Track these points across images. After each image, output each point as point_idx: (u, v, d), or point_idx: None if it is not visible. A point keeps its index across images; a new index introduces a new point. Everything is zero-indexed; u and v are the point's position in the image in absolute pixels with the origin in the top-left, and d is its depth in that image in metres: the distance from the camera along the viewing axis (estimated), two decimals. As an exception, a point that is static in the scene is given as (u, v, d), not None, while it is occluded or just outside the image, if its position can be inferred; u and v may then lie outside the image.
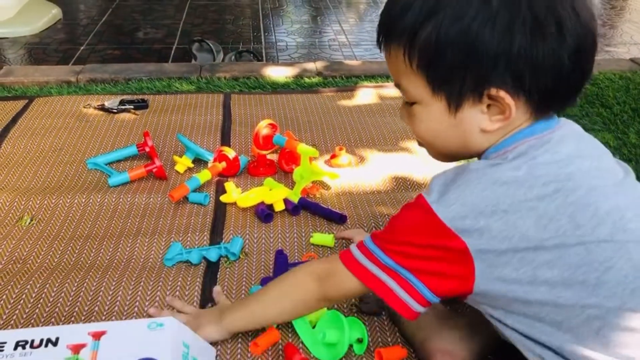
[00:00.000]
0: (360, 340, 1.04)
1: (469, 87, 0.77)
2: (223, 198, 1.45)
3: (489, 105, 0.79)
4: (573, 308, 0.75)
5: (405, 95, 0.86)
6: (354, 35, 3.23)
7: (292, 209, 1.42)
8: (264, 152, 1.61)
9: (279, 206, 1.41)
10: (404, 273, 0.81)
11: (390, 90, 2.13)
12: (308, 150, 1.49)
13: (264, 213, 1.39)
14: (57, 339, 0.87)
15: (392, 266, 0.82)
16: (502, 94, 0.77)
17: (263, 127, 1.58)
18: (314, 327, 1.07)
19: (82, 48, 2.90)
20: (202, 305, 1.12)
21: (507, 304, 0.79)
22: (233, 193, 1.45)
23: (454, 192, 0.77)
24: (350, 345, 1.05)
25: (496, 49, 0.74)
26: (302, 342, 1.05)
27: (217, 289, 1.15)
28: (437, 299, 0.81)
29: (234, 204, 1.44)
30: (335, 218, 1.40)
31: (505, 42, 0.74)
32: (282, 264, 1.13)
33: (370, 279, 0.84)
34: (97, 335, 0.88)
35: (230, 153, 1.54)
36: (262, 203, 1.42)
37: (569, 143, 0.81)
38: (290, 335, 1.06)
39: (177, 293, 1.15)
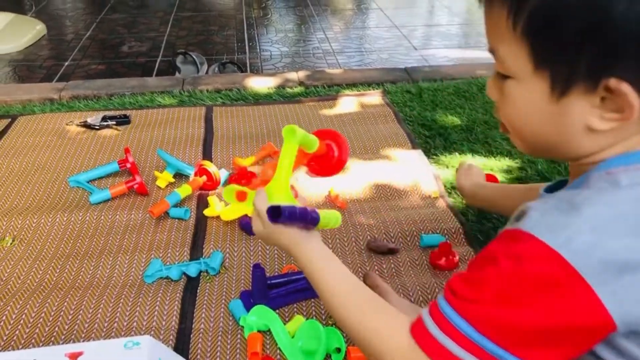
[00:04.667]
0: (338, 350, 1.06)
1: (583, 70, 0.61)
2: (206, 212, 1.46)
3: (603, 98, 0.62)
4: None
5: (500, 66, 0.68)
6: (338, 43, 3.26)
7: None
8: (245, 164, 1.62)
9: (260, 219, 1.43)
10: None
11: (371, 99, 2.15)
12: None
13: (249, 225, 1.40)
14: (34, 361, 0.88)
15: None
16: (626, 88, 0.59)
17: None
18: (292, 337, 1.09)
19: (66, 64, 2.91)
20: (181, 322, 1.13)
21: None
22: (216, 206, 1.46)
23: None
24: (329, 355, 1.06)
25: (634, 28, 0.57)
26: (280, 350, 1.06)
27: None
28: None
29: (216, 217, 1.45)
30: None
31: None
32: (259, 279, 1.14)
33: None
34: (74, 357, 0.89)
35: (211, 167, 1.56)
36: (246, 216, 1.43)
37: None
38: (268, 344, 1.08)
39: (157, 309, 1.16)
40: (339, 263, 0.83)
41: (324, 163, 1.01)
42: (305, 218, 0.84)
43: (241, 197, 0.90)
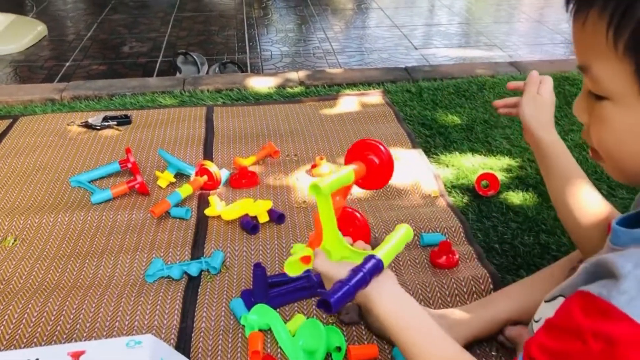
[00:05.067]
0: (338, 349, 1.07)
1: None
2: (207, 211, 1.47)
3: None
4: None
5: (593, 85, 0.59)
6: (339, 43, 3.25)
7: (277, 217, 1.44)
8: (246, 164, 1.63)
9: (263, 218, 1.43)
10: None
11: (372, 98, 2.16)
12: None
13: (250, 225, 1.40)
14: (36, 360, 0.88)
15: None
16: None
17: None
18: (293, 336, 1.09)
19: (67, 64, 2.92)
20: (182, 321, 1.14)
21: None
22: (217, 206, 1.47)
23: None
24: (329, 354, 1.07)
25: None
26: (280, 349, 1.07)
27: None
28: None
29: (217, 217, 1.46)
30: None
31: None
32: (259, 278, 1.14)
33: None
34: (77, 356, 0.90)
35: (211, 166, 1.56)
36: (247, 215, 1.44)
37: None
38: (269, 343, 1.08)
39: (158, 308, 1.17)
40: (414, 311, 0.79)
41: (371, 177, 0.97)
42: (363, 283, 0.79)
43: (306, 260, 0.87)
